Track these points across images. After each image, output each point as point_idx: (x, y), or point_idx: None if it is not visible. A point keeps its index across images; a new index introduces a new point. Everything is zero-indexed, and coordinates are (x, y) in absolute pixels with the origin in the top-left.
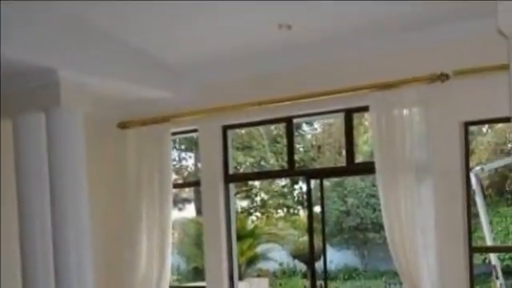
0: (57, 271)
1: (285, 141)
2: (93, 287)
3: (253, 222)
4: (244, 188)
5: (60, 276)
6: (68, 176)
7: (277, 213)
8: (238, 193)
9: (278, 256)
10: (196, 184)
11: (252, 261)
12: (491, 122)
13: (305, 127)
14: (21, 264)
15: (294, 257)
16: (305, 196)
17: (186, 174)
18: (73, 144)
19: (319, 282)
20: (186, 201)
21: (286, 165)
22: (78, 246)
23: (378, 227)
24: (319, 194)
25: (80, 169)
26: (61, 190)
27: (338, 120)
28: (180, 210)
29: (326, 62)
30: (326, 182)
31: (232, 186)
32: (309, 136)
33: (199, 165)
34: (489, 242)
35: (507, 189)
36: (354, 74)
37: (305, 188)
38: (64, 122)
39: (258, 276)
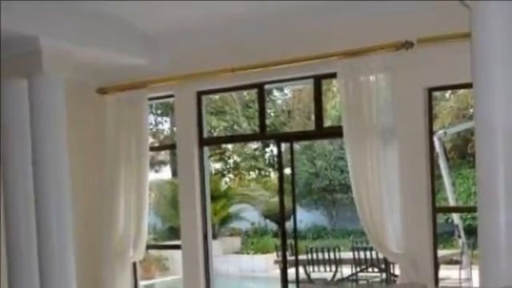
0: (39, 229)
1: (256, 106)
2: (73, 245)
3: (226, 183)
4: (217, 151)
5: (42, 234)
6: (49, 139)
7: (249, 175)
8: (211, 155)
9: (250, 216)
10: (172, 147)
11: (225, 220)
12: (454, 87)
13: (276, 93)
14: (3, 221)
15: (266, 217)
16: (276, 159)
17: (162, 137)
18: (54, 109)
19: (289, 241)
20: (162, 163)
21: (257, 129)
22: (58, 207)
23: (346, 188)
24: (289, 156)
25: (61, 132)
26: (42, 152)
27: (308, 86)
28: (156, 171)
29: (295, 30)
30: (296, 146)
31: (206, 149)
32: (279, 101)
33: (175, 129)
34: (451, 203)
35: (469, 151)
36: (322, 42)
37: (276, 151)
38: (46, 87)
39: (231, 235)
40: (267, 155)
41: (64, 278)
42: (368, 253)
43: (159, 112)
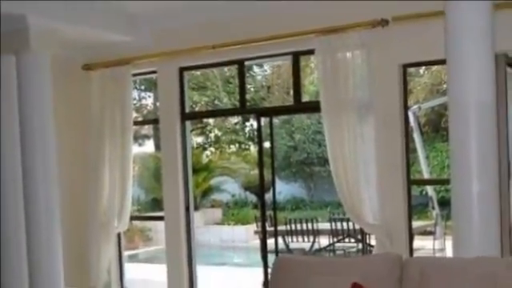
0: (26, 202)
1: (237, 81)
2: (59, 216)
3: (207, 156)
4: (199, 125)
5: (29, 206)
6: (36, 113)
7: (229, 148)
8: (193, 130)
9: (230, 188)
10: (155, 121)
11: (206, 192)
12: (428, 64)
13: (255, 69)
14: None
15: (246, 189)
16: (255, 132)
17: (145, 112)
18: (41, 84)
19: (269, 212)
20: (146, 137)
21: (238, 104)
22: (45, 179)
23: (323, 161)
24: (269, 130)
25: (47, 107)
26: (30, 126)
27: (286, 62)
28: (140, 145)
29: (275, 8)
30: (275, 120)
31: (188, 123)
32: (259, 77)
33: (158, 104)
34: (426, 175)
35: (442, 126)
36: (301, 20)
37: (255, 125)
38: (33, 64)
39: (212, 206)
40: (247, 129)
41: (51, 248)
42: (345, 224)
43: (143, 87)
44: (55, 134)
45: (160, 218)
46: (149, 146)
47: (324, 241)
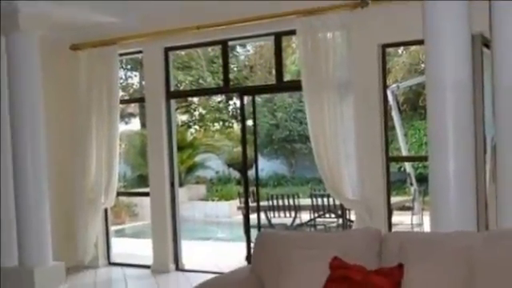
0: (15, 179)
1: (220, 61)
2: (48, 192)
3: (192, 134)
4: (184, 104)
5: (18, 183)
6: (25, 92)
7: (213, 126)
8: (178, 108)
9: (214, 165)
10: (141, 100)
11: (191, 169)
12: (406, 44)
13: (239, 49)
14: None
15: (229, 165)
16: (238, 111)
17: (131, 91)
18: (30, 64)
19: (251, 188)
20: (132, 115)
21: (221, 83)
22: (34, 156)
23: (305, 139)
24: (251, 109)
25: (37, 86)
26: (20, 104)
27: (269, 43)
28: (126, 123)
29: None
30: (258, 98)
31: (173, 101)
32: (242, 57)
33: (143, 83)
34: (404, 153)
35: (420, 104)
36: (282, 1)
37: (238, 104)
38: (22, 44)
39: (197, 183)
40: (230, 108)
41: (40, 224)
42: (325, 199)
43: (129, 67)
44: (44, 112)
45: (146, 194)
46: (135, 124)
47: (305, 216)
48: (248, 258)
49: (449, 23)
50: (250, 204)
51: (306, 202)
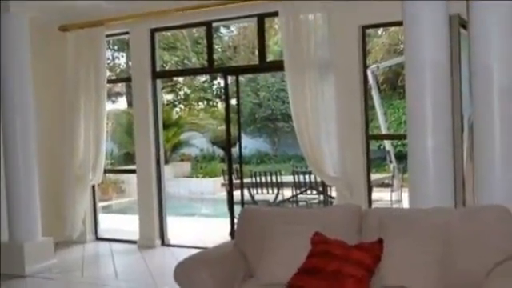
0: (5, 156)
1: (205, 42)
2: (37, 169)
3: (177, 113)
4: (169, 83)
5: (8, 160)
6: (16, 73)
7: (198, 105)
8: (163, 87)
9: (199, 143)
10: (127, 80)
11: (176, 147)
12: (386, 25)
13: (222, 30)
14: None
15: (213, 143)
16: (222, 90)
17: (118, 71)
18: (20, 45)
19: (235, 166)
20: (119, 94)
21: (206, 63)
22: (24, 135)
23: (287, 117)
24: (235, 88)
25: (26, 66)
26: (9, 83)
27: (252, 24)
28: (113, 102)
29: None
30: (241, 78)
31: (159, 81)
32: (226, 38)
33: (130, 63)
34: (383, 131)
35: (399, 84)
36: None
37: (222, 83)
38: (12, 25)
39: (182, 160)
40: (215, 87)
41: (29, 200)
42: (307, 176)
43: (116, 48)
44: (33, 91)
45: (132, 171)
46: (121, 103)
47: (287, 193)
48: (232, 233)
49: (427, 5)
50: (234, 181)
51: (289, 178)
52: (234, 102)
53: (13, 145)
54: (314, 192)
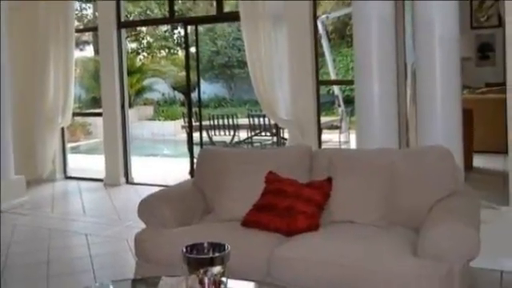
0: None
1: None
2: (11, 113)
3: (140, 60)
4: (133, 33)
5: None
6: None
7: (160, 53)
8: (128, 37)
9: (161, 88)
10: (94, 29)
11: (140, 92)
12: None
13: None
14: None
15: (174, 88)
16: (183, 39)
17: (86, 21)
18: None
19: (194, 109)
20: (86, 43)
21: (167, 14)
22: None
23: (243, 64)
24: (194, 37)
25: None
26: None
27: None
28: (81, 50)
29: None
30: (200, 28)
31: (123, 31)
32: None
33: (97, 13)
34: (332, 77)
35: (347, 33)
36: None
37: (183, 33)
38: None
39: (145, 104)
40: (175, 36)
41: (2, 141)
42: (261, 119)
43: None
44: (6, 38)
45: (99, 114)
46: (89, 51)
47: (243, 134)
48: (191, 172)
49: None
50: (193, 123)
51: (244, 121)
52: (193, 50)
53: None
54: (268, 134)
